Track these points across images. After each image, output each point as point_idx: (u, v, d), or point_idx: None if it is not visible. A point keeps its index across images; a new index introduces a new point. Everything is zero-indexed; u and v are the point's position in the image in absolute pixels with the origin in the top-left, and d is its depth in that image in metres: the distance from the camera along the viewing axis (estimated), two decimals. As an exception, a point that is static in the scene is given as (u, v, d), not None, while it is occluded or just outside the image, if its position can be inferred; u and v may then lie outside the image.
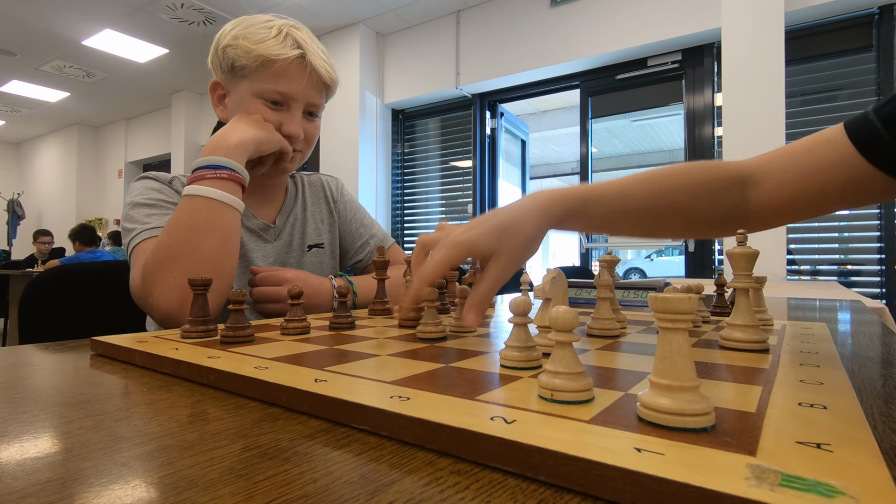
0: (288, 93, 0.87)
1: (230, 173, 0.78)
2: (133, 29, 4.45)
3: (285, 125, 0.88)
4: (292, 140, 0.90)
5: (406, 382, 0.36)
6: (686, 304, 0.27)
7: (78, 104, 6.52)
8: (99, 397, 0.37)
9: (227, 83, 0.91)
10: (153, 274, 0.72)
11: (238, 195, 0.79)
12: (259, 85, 0.86)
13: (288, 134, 0.89)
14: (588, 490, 0.22)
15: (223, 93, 0.93)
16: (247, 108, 0.87)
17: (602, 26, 3.38)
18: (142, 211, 0.85)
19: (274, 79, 0.86)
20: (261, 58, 0.84)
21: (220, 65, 0.89)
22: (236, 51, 0.85)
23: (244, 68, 0.86)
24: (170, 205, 0.88)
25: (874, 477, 0.20)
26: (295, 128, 0.89)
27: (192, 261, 0.72)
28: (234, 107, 0.90)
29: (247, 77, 0.87)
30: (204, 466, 0.25)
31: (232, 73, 0.88)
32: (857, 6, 2.72)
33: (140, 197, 0.87)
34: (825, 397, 0.32)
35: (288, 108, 0.89)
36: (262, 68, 0.85)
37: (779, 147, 0.67)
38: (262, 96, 0.87)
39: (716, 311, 0.81)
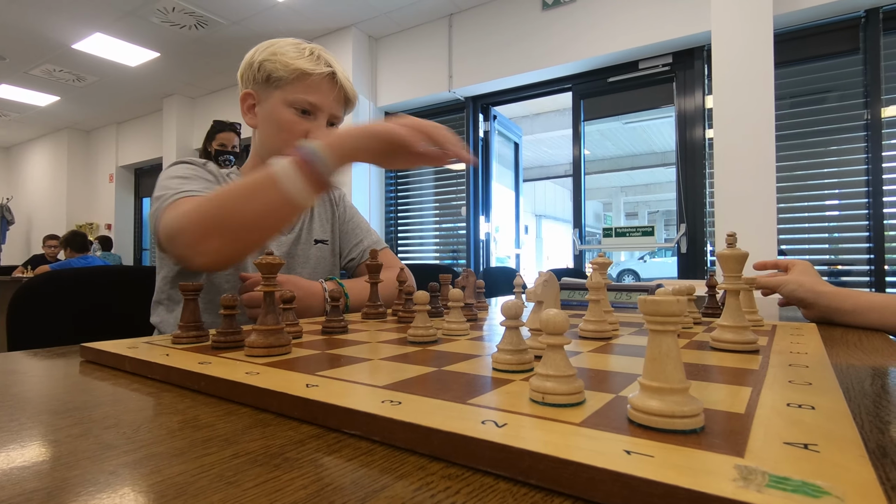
0: (317, 104, 0.97)
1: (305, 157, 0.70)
2: (124, 33, 4.42)
3: (312, 132, 0.97)
4: None
5: (398, 386, 0.36)
6: (675, 306, 0.27)
7: (68, 108, 6.46)
8: (88, 405, 0.37)
9: (260, 93, 0.99)
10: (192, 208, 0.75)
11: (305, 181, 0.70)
12: (292, 95, 0.96)
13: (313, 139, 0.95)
14: (578, 493, 0.22)
15: (254, 102, 1.01)
16: (278, 114, 0.96)
17: (593, 29, 3.40)
18: (176, 181, 0.89)
19: (306, 90, 0.96)
20: (298, 71, 0.95)
21: (253, 77, 0.98)
22: (274, 64, 0.95)
23: (280, 80, 0.96)
24: (204, 180, 0.93)
25: (859, 477, 0.21)
26: (321, 134, 0.97)
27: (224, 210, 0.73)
28: (265, 114, 0.99)
29: (280, 88, 0.96)
30: (193, 474, 0.25)
31: (266, 83, 0.97)
32: (844, 9, 2.76)
33: (174, 173, 0.92)
34: (813, 398, 0.33)
35: (315, 118, 0.98)
36: (297, 80, 0.96)
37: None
38: (293, 105, 0.96)
39: (707, 312, 0.82)
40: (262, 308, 0.50)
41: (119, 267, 1.20)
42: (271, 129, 0.98)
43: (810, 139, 2.87)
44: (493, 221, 4.23)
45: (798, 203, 2.91)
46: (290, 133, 0.96)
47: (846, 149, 2.80)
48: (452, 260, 4.34)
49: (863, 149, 2.75)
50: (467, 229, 4.16)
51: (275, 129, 0.97)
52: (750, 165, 2.68)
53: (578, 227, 3.64)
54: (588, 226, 3.74)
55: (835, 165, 2.84)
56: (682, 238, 3.17)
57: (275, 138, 0.97)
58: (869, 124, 2.72)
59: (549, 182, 12.90)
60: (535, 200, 13.62)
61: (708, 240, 3.12)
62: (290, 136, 0.96)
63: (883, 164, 2.68)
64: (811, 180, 2.88)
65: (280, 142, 0.96)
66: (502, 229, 4.48)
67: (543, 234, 14.22)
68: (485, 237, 4.19)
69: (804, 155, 2.88)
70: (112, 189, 7.06)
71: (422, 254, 4.55)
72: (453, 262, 4.30)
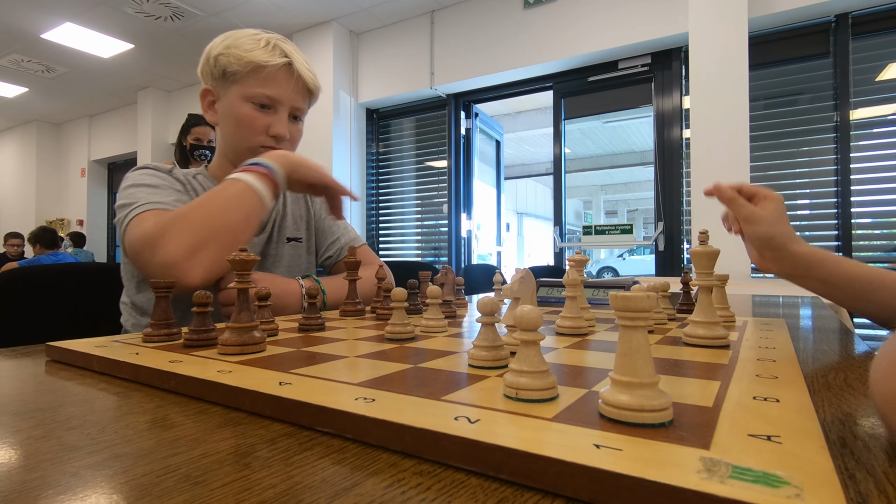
0: (275, 96, 0.94)
1: (267, 171, 0.83)
2: (96, 23, 4.29)
3: (272, 126, 0.95)
4: (279, 140, 0.96)
5: (373, 384, 0.36)
6: (645, 302, 0.28)
7: (37, 100, 6.25)
8: (51, 405, 0.36)
9: (218, 89, 0.96)
10: (173, 224, 0.76)
11: (270, 191, 0.83)
12: (249, 89, 0.93)
13: (275, 134, 0.95)
14: (548, 487, 0.22)
15: (213, 99, 0.98)
16: (237, 110, 0.94)
17: (574, 29, 3.43)
18: (143, 189, 0.87)
19: (263, 83, 0.93)
20: (251, 63, 0.92)
21: (211, 72, 0.95)
22: (228, 58, 0.92)
23: (235, 74, 0.93)
24: (172, 189, 0.91)
25: (818, 467, 0.21)
26: (281, 129, 0.96)
27: (214, 221, 0.77)
28: (224, 111, 0.96)
29: (237, 82, 0.93)
30: (159, 475, 0.24)
31: (223, 79, 0.94)
32: (815, 14, 2.83)
33: (141, 180, 0.89)
34: (779, 391, 0.33)
35: (275, 111, 0.96)
36: (252, 74, 0.93)
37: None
38: (251, 99, 0.93)
39: (682, 308, 0.83)
40: (236, 305, 0.49)
41: (90, 264, 1.16)
42: (231, 125, 0.96)
43: (783, 140, 2.95)
44: (474, 219, 4.24)
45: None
46: (250, 129, 0.94)
47: (817, 149, 2.88)
48: (434, 257, 4.34)
49: (832, 150, 2.83)
50: (449, 227, 4.17)
51: (234, 125, 0.95)
52: (725, 165, 2.74)
53: (559, 225, 3.67)
54: (569, 223, 3.78)
55: (806, 165, 2.92)
56: (660, 236, 3.23)
57: (235, 135, 0.95)
58: (838, 126, 2.80)
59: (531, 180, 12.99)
60: (517, 198, 13.71)
61: (684, 238, 3.19)
62: (251, 133, 0.94)
63: (851, 164, 2.77)
64: (783, 180, 2.96)
65: (241, 138, 0.95)
66: (484, 227, 4.49)
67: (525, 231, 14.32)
68: (466, 234, 4.19)
69: (777, 155, 2.96)
70: (84, 184, 6.86)
71: (403, 251, 4.54)
72: (435, 260, 4.30)
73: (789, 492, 0.19)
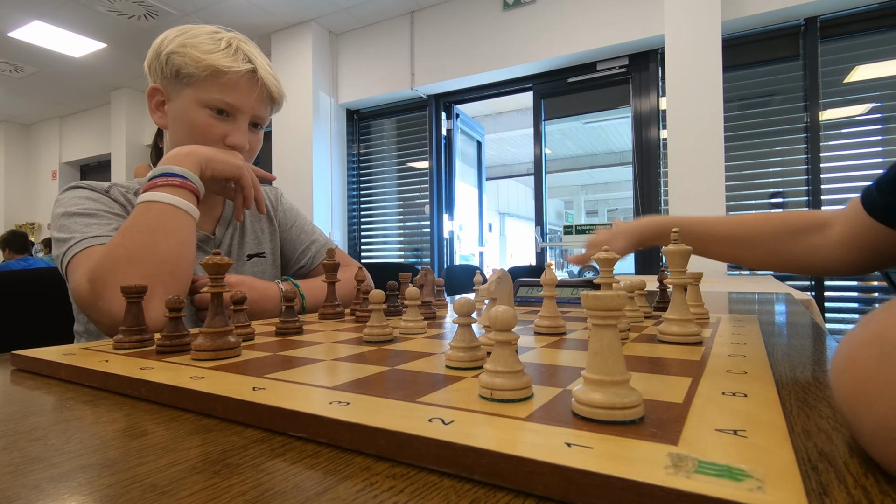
0: (236, 104, 0.88)
1: (182, 181, 0.76)
2: (66, 21, 4.18)
3: (231, 136, 0.88)
4: (237, 150, 0.89)
5: (348, 387, 0.35)
6: (615, 301, 0.28)
7: (5, 100, 6.06)
8: (14, 416, 0.35)
9: (169, 90, 0.89)
10: (105, 275, 0.69)
11: (192, 202, 0.77)
12: (206, 94, 0.86)
13: (233, 144, 0.89)
14: (519, 487, 0.22)
15: (162, 99, 0.91)
16: (191, 116, 0.86)
17: (553, 30, 3.46)
18: (79, 220, 0.80)
19: (222, 90, 0.86)
20: (210, 68, 0.84)
21: (161, 70, 0.88)
22: (183, 58, 0.84)
23: (190, 76, 0.85)
24: (110, 214, 0.83)
25: (780, 459, 0.22)
26: (241, 139, 0.89)
27: (148, 263, 0.69)
28: (175, 114, 0.89)
29: (192, 85, 0.86)
30: (124, 485, 0.23)
31: (176, 79, 0.87)
32: (785, 17, 2.91)
33: (75, 207, 0.82)
34: (747, 386, 0.34)
35: (234, 120, 0.89)
36: (210, 78, 0.85)
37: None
38: (208, 105, 0.86)
39: (658, 306, 0.84)
40: (210, 310, 0.48)
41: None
42: (183, 131, 0.88)
43: (755, 140, 3.02)
44: (456, 219, 4.25)
45: (745, 201, 3.06)
46: (205, 137, 0.87)
47: (788, 150, 2.96)
48: (416, 258, 4.33)
49: (803, 150, 2.91)
50: (431, 227, 4.16)
51: (187, 131, 0.87)
52: (701, 165, 2.80)
53: (540, 225, 3.70)
54: (550, 223, 3.81)
55: (778, 165, 3.00)
56: (639, 235, 3.28)
57: (187, 142, 0.86)
58: (808, 126, 2.89)
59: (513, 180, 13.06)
60: (499, 199, 13.77)
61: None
62: (205, 141, 0.86)
63: (821, 164, 2.85)
64: (757, 179, 3.03)
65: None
66: (466, 227, 4.50)
67: (507, 231, 14.39)
68: (448, 235, 4.20)
69: (750, 155, 3.03)
70: (56, 187, 6.67)
71: (385, 253, 4.52)
72: (417, 261, 4.30)
73: (751, 484, 0.19)
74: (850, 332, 0.27)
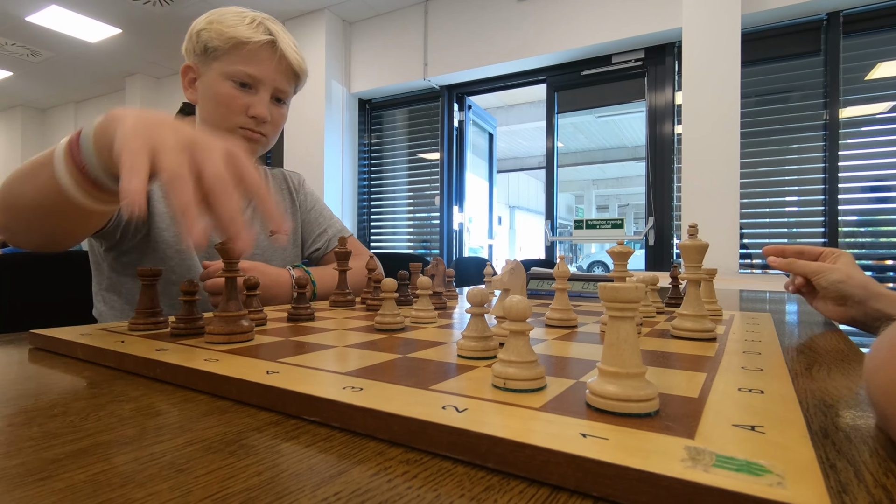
0: (256, 75, 0.91)
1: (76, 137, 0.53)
2: (82, 6, 4.20)
3: (252, 107, 0.91)
4: (258, 121, 0.92)
5: (361, 373, 0.35)
6: (633, 293, 0.28)
7: (22, 85, 6.12)
8: (34, 392, 0.35)
9: (199, 66, 0.93)
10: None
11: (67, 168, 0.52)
12: (229, 66, 0.89)
13: (255, 115, 0.91)
14: (534, 475, 0.22)
15: (194, 76, 0.95)
16: (216, 89, 0.90)
17: (568, 22, 3.42)
18: None
19: (244, 60, 0.90)
20: (233, 40, 0.89)
21: (193, 49, 0.92)
22: (210, 33, 0.89)
23: (216, 50, 0.90)
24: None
25: (800, 456, 0.21)
26: (262, 109, 0.91)
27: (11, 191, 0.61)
28: (203, 89, 0.93)
29: (218, 59, 0.90)
30: (142, 462, 0.24)
31: (204, 55, 0.91)
32: (807, 12, 2.85)
33: None
34: (763, 383, 0.34)
35: (256, 91, 0.92)
36: (233, 50, 0.89)
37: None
38: (231, 77, 0.90)
39: (670, 302, 0.84)
40: (224, 294, 0.49)
41: (75, 252, 1.15)
42: (210, 104, 0.91)
43: (772, 137, 2.97)
44: (466, 212, 4.24)
45: (759, 199, 3.01)
46: (229, 108, 0.90)
47: (805, 147, 2.91)
48: (425, 250, 4.33)
49: (821, 148, 2.86)
50: (440, 219, 4.16)
51: (213, 104, 0.91)
52: (716, 161, 2.76)
53: (550, 219, 3.68)
54: (560, 217, 3.79)
55: (795, 163, 2.94)
56: (650, 231, 3.25)
57: (213, 114, 0.91)
58: (827, 124, 2.83)
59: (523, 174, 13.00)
60: (509, 191, 13.71)
61: (674, 233, 3.21)
62: (229, 112, 0.90)
63: (839, 162, 2.80)
64: (772, 177, 2.98)
65: (219, 117, 0.91)
66: (475, 220, 4.49)
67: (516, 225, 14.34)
68: (458, 227, 4.19)
69: (766, 152, 2.98)
70: (70, 171, 6.74)
71: (395, 243, 4.53)
72: (426, 252, 4.30)
73: (771, 480, 0.19)
74: (885, 331, 0.26)
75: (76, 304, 1.05)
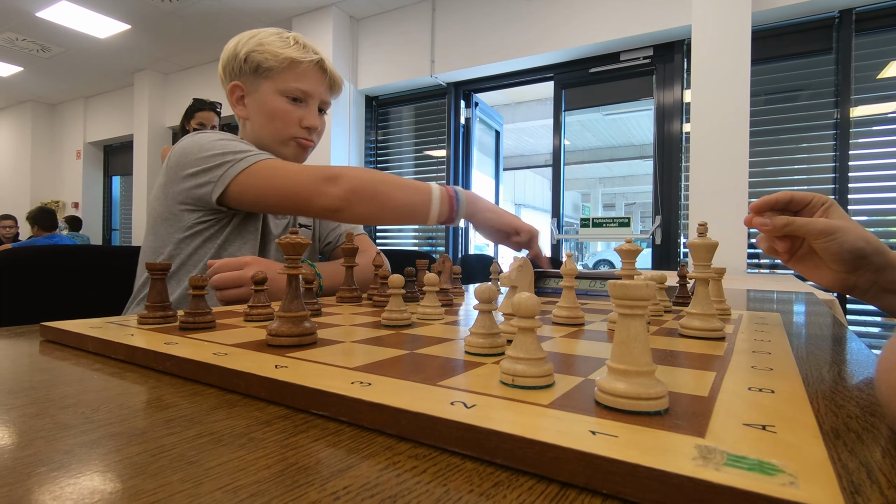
0: (308, 91, 1.01)
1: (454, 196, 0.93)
2: (92, 2, 4.22)
3: (305, 119, 1.01)
4: (311, 131, 1.03)
5: (368, 368, 0.36)
6: (643, 290, 0.28)
7: (32, 80, 6.17)
8: (45, 384, 0.36)
9: (248, 84, 1.01)
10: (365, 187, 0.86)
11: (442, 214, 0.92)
12: (283, 84, 0.99)
13: (308, 126, 1.02)
14: (543, 472, 0.22)
15: (242, 94, 1.02)
16: (271, 104, 0.99)
17: (576, 19, 3.40)
18: (233, 144, 0.90)
19: (297, 78, 0.99)
20: (288, 60, 0.98)
21: (240, 68, 1.00)
22: (263, 55, 0.97)
23: (270, 70, 0.98)
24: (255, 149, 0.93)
25: (813, 456, 0.21)
26: (314, 120, 1.02)
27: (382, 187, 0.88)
28: (256, 105, 1.01)
29: (270, 78, 0.99)
30: (153, 454, 0.24)
31: (255, 74, 0.99)
32: (819, 9, 2.82)
33: (227, 138, 0.92)
34: (774, 382, 0.34)
35: (306, 105, 1.02)
36: (287, 69, 0.98)
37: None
38: (285, 94, 0.99)
39: (678, 300, 0.83)
40: (287, 293, 0.46)
41: (84, 246, 1.16)
42: (264, 118, 1.00)
43: (782, 136, 2.94)
44: (472, 209, 4.22)
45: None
46: (284, 122, 1.00)
47: (816, 146, 2.88)
48: (431, 247, 4.33)
49: (831, 147, 2.83)
50: (446, 216, 4.15)
51: (268, 118, 1.00)
52: (724, 160, 2.74)
53: (557, 217, 3.67)
54: (566, 216, 3.78)
55: (804, 162, 2.92)
56: (657, 230, 3.23)
57: (268, 127, 1.00)
58: (838, 123, 2.80)
59: (529, 171, 12.96)
60: (515, 189, 13.68)
61: (681, 232, 3.19)
62: (285, 125, 1.00)
63: (849, 162, 2.77)
64: (782, 176, 2.96)
65: (275, 130, 1.00)
66: (481, 217, 4.48)
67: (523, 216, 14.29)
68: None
69: (776, 151, 2.96)
70: (80, 166, 6.80)
71: (401, 240, 4.53)
72: (432, 249, 4.30)
73: (784, 479, 0.19)
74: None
75: (89, 297, 1.06)
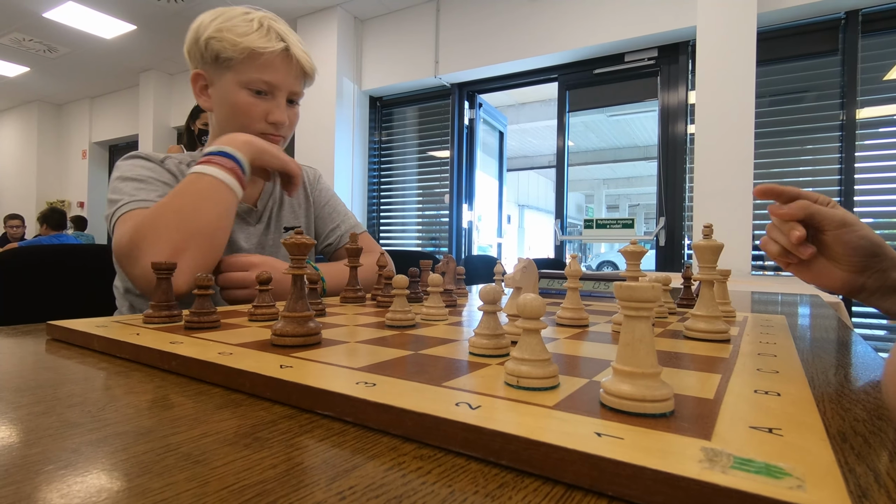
0: (273, 82, 0.91)
1: (233, 164, 0.81)
2: (98, 3, 4.25)
3: (271, 113, 0.93)
4: (278, 126, 0.95)
5: (373, 369, 0.36)
6: (650, 292, 0.27)
7: (38, 80, 6.21)
8: (52, 382, 0.36)
9: (211, 74, 0.93)
10: (147, 233, 0.73)
11: (238, 183, 0.82)
12: (245, 76, 0.90)
13: (274, 121, 0.94)
14: (548, 474, 0.22)
15: (205, 83, 0.95)
16: (233, 97, 0.91)
17: (581, 20, 3.39)
18: (130, 184, 0.85)
19: (260, 69, 0.90)
20: (247, 50, 0.88)
21: (201, 56, 0.91)
22: (221, 43, 0.88)
23: (230, 60, 0.89)
24: (160, 183, 0.89)
25: (820, 459, 0.21)
26: (280, 115, 0.94)
27: (189, 225, 0.74)
28: (218, 97, 0.93)
29: (232, 68, 0.90)
30: (159, 452, 0.24)
31: (216, 63, 0.91)
32: (825, 10, 2.80)
33: (129, 172, 0.87)
34: (779, 385, 0.33)
35: (273, 97, 0.93)
36: (248, 60, 0.89)
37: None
38: (248, 86, 0.91)
39: (682, 302, 0.83)
40: (292, 293, 0.46)
41: (89, 245, 1.16)
42: (227, 112, 0.92)
43: (788, 138, 2.93)
44: (475, 210, 4.23)
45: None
46: (249, 117, 0.91)
47: (821, 148, 2.87)
48: (434, 247, 4.33)
49: (837, 149, 2.81)
50: (450, 217, 4.16)
51: (231, 112, 0.92)
52: (729, 161, 2.73)
53: (560, 218, 3.66)
54: (570, 217, 3.77)
55: (810, 164, 2.90)
56: (661, 231, 3.22)
57: (232, 122, 0.92)
58: (844, 125, 2.79)
59: (533, 172, 12.95)
60: (519, 190, 13.67)
61: (686, 233, 3.18)
62: (249, 120, 0.92)
63: (855, 164, 2.76)
64: (787, 178, 2.94)
65: (238, 126, 0.92)
66: (485, 218, 4.48)
67: (526, 223, 14.30)
68: (467, 225, 4.19)
69: (781, 153, 2.94)
70: (85, 166, 6.84)
71: (404, 240, 4.53)
72: (435, 250, 4.30)
73: (791, 483, 0.19)
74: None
75: (94, 296, 1.07)
